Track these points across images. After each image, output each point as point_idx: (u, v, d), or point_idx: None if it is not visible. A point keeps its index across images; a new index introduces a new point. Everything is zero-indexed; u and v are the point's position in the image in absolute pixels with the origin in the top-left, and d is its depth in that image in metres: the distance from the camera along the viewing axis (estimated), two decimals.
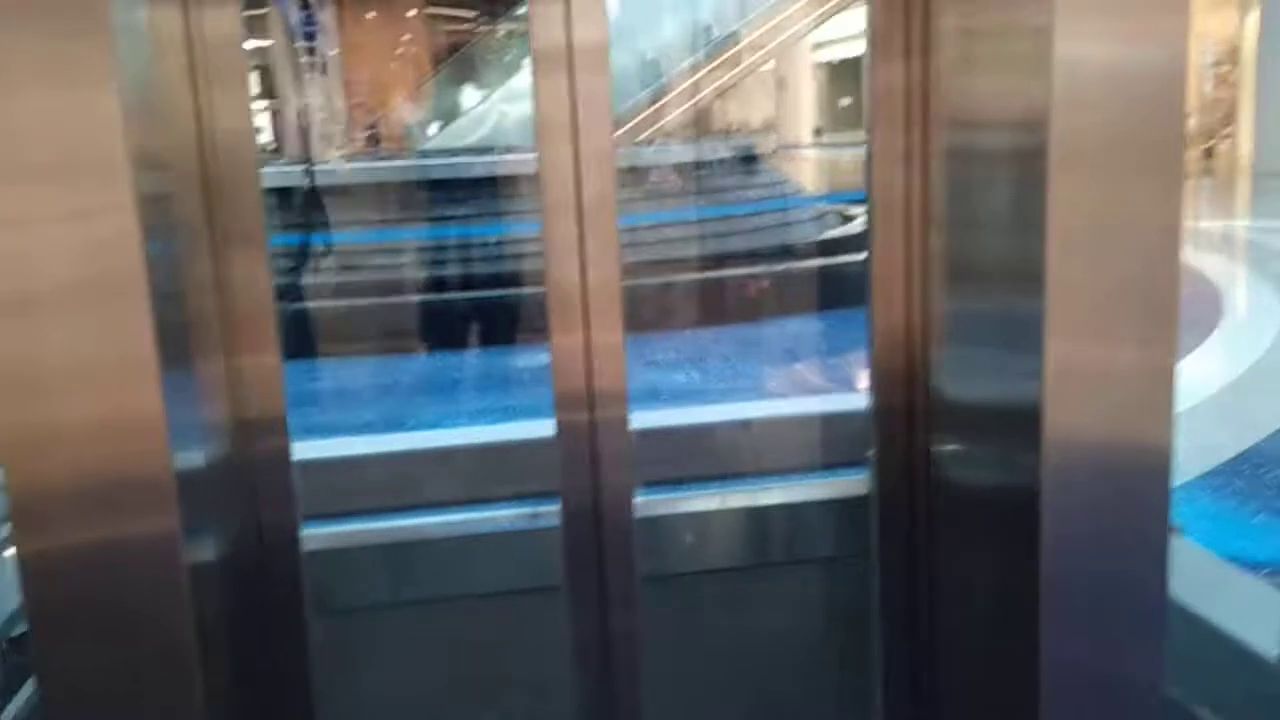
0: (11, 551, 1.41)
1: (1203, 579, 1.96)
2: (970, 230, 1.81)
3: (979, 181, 1.77)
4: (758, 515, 2.28)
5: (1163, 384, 1.52)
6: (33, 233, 1.33)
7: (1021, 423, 1.58)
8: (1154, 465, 1.53)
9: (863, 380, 2.05)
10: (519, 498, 2.18)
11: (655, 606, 2.03)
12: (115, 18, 1.31)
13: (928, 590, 2.03)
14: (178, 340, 1.57)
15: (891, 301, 1.99)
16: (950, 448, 1.94)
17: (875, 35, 1.90)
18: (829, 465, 2.30)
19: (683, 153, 11.77)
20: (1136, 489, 1.54)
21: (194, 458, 1.57)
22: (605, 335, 1.89)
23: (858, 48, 2.01)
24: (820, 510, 2.29)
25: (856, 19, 2.02)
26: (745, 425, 2.41)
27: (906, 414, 2.01)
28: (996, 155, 1.70)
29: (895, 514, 2.05)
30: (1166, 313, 1.51)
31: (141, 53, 1.50)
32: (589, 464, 1.93)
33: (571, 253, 1.86)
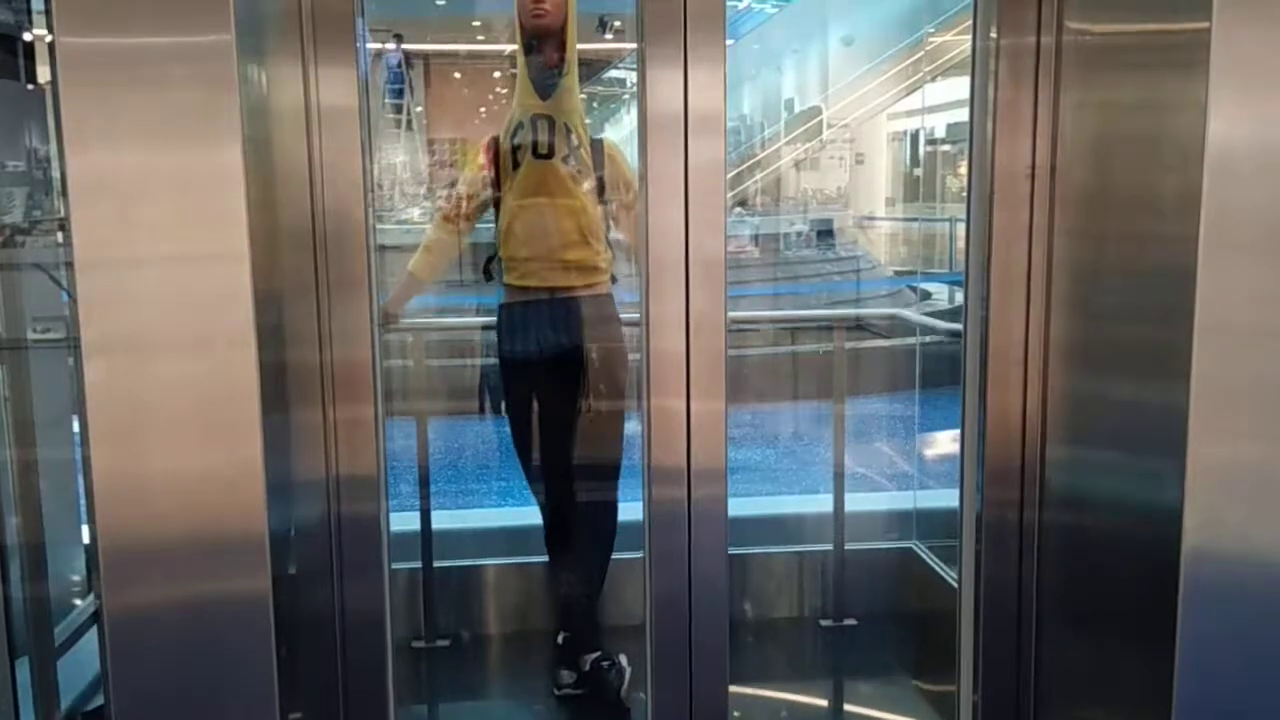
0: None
1: None
2: (1099, 316, 1.71)
3: (1111, 264, 1.68)
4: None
5: None
6: (146, 276, 1.32)
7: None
8: None
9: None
10: None
11: None
12: (240, 76, 1.31)
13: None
14: (279, 391, 1.53)
15: (1008, 390, 1.88)
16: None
17: (999, 110, 1.83)
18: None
19: (760, 225, 11.70)
20: None
21: (287, 517, 1.53)
22: (708, 407, 1.81)
23: (932, 119, 1.94)
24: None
25: (935, 91, 1.96)
26: None
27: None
28: (1134, 237, 1.60)
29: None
30: None
31: (263, 110, 1.50)
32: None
33: (676, 320, 1.79)
